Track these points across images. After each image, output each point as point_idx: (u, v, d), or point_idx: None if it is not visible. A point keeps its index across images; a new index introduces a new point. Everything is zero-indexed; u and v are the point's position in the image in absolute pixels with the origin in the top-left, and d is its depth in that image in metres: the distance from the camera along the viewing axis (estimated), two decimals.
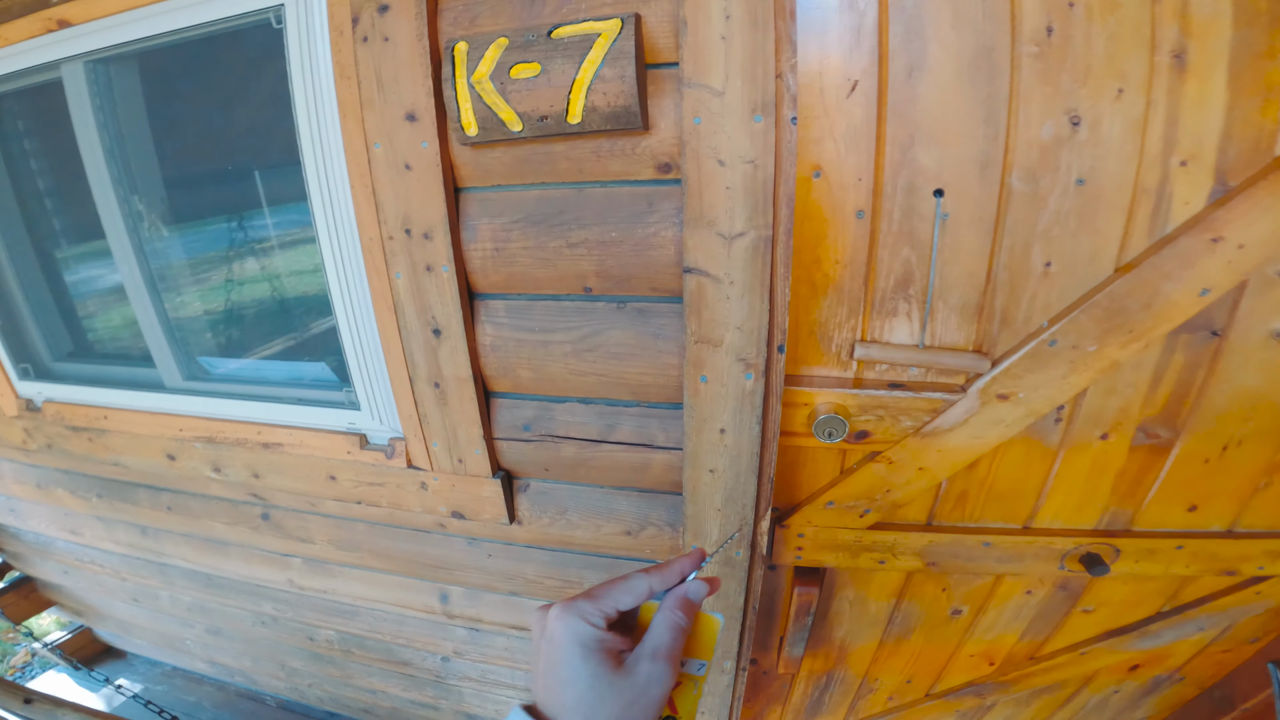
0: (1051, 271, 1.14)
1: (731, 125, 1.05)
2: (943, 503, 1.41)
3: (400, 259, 1.30)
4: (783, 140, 1.06)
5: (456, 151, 1.24)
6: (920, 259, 1.17)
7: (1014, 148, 1.06)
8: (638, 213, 1.17)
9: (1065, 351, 1.16)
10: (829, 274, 1.21)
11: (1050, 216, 1.10)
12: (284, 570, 1.95)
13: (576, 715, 0.51)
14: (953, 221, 1.13)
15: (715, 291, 1.14)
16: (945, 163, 1.09)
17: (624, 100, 1.07)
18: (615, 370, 1.29)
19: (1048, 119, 1.04)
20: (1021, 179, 1.08)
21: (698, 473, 1.30)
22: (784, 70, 1.04)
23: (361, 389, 1.50)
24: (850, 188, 1.14)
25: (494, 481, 1.46)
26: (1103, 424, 1.26)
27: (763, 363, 1.16)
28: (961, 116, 1.06)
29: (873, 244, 1.17)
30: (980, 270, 1.16)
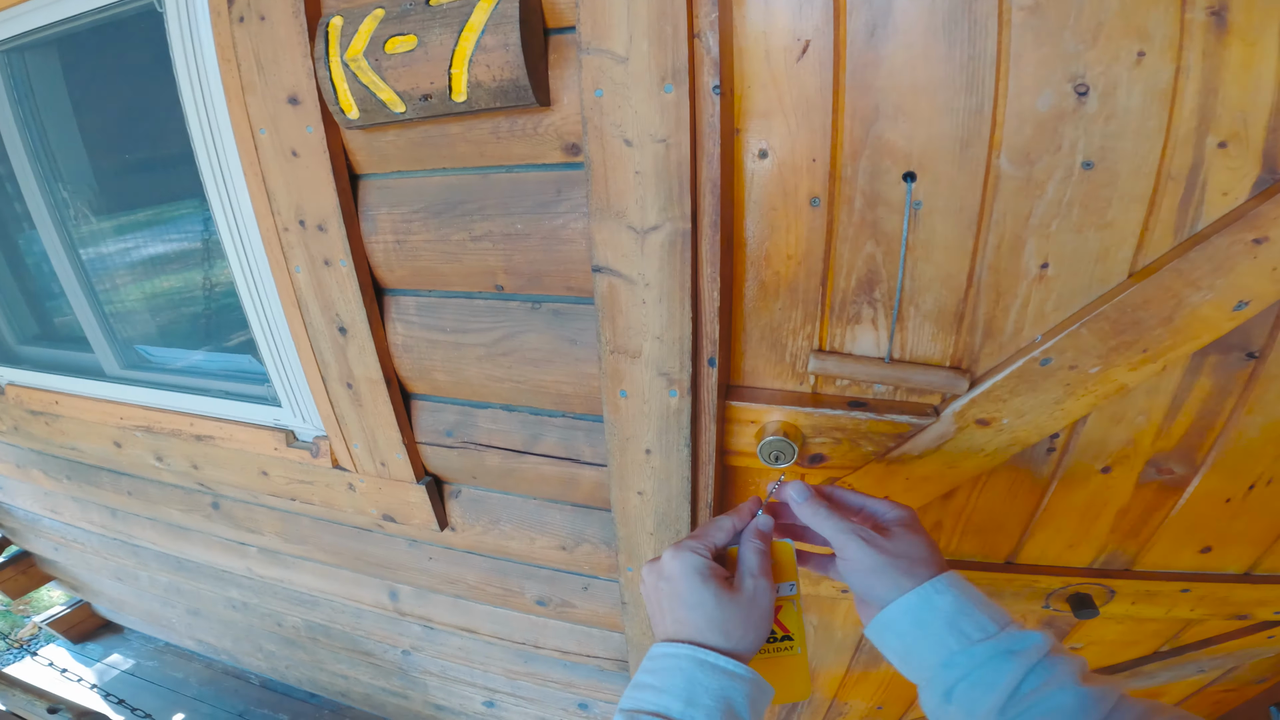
0: (1048, 275, 0.89)
1: (638, 97, 0.83)
2: None
3: (298, 252, 1.13)
4: (702, 113, 0.84)
5: (349, 136, 1.05)
6: (887, 256, 0.93)
7: (1003, 122, 0.81)
8: (545, 201, 0.97)
9: (1061, 372, 0.92)
10: (780, 272, 0.98)
11: (1048, 207, 0.84)
12: (242, 558, 1.85)
13: (712, 630, 0.57)
14: (926, 211, 0.89)
15: (629, 295, 0.93)
16: (917, 140, 0.84)
17: (510, 72, 0.86)
18: (533, 378, 1.10)
19: (1046, 87, 0.79)
20: (1012, 160, 0.83)
21: (625, 494, 1.11)
22: (701, 28, 0.81)
23: (280, 386, 1.35)
24: (803, 170, 0.91)
25: (419, 488, 1.30)
26: (1105, 456, 1.02)
27: (688, 378, 0.96)
28: (937, 84, 0.82)
29: (831, 237, 0.94)
30: (960, 271, 0.92)
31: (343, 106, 0.98)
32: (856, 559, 0.61)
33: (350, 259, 1.08)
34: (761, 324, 1.03)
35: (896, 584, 0.60)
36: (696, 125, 0.85)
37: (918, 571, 0.60)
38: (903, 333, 0.98)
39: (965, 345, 0.97)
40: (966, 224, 0.89)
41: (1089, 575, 1.17)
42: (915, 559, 0.61)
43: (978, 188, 0.86)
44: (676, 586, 0.59)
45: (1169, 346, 0.87)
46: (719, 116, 0.84)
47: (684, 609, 0.58)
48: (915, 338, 0.98)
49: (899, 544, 0.62)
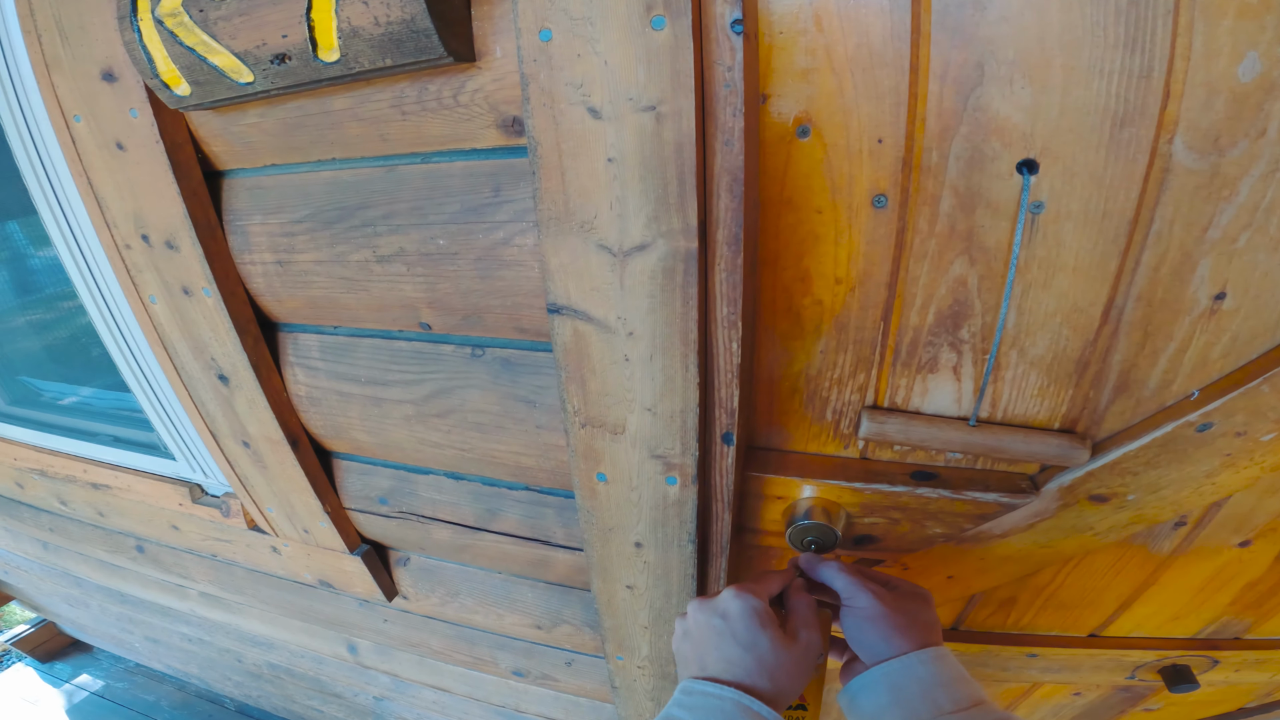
0: (1223, 309, 0.56)
1: (611, 38, 0.47)
2: (977, 609, 0.89)
3: (149, 277, 0.76)
4: (715, 64, 0.48)
5: (197, 120, 0.68)
6: (985, 280, 0.58)
7: (1181, 93, 0.49)
8: (478, 205, 0.61)
9: (1223, 440, 0.59)
10: (823, 301, 0.63)
11: (1238, 213, 0.52)
12: (183, 599, 1.52)
13: (762, 674, 0.53)
14: (1050, 217, 0.54)
15: (605, 348, 0.58)
16: (1043, 116, 0.51)
17: (403, 9, 0.50)
18: (480, 446, 0.76)
19: (1250, 48, 0.47)
20: (1193, 147, 0.50)
21: (611, 586, 0.79)
22: None
23: (168, 437, 0.99)
24: (863, 155, 0.55)
25: (354, 558, 0.97)
26: (1247, 529, 0.71)
27: (693, 462, 0.61)
28: (1079, 35, 0.48)
29: (901, 252, 0.59)
30: (1094, 302, 0.57)
31: (166, 79, 0.61)
32: (860, 609, 0.58)
33: (216, 287, 0.72)
34: (795, 371, 0.68)
35: (888, 640, 0.57)
36: (706, 84, 0.49)
37: (913, 635, 0.56)
38: (996, 384, 0.64)
39: (1086, 402, 0.63)
40: (1112, 236, 0.55)
41: (1192, 646, 0.90)
42: (914, 622, 0.57)
43: (1135, 185, 0.52)
44: (734, 625, 0.55)
45: None
46: (741, 70, 0.49)
47: (737, 649, 0.54)
48: (1014, 391, 0.64)
49: (902, 603, 0.59)
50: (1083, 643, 0.90)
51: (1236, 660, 0.89)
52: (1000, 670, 0.94)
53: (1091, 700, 1.06)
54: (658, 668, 0.89)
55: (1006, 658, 0.92)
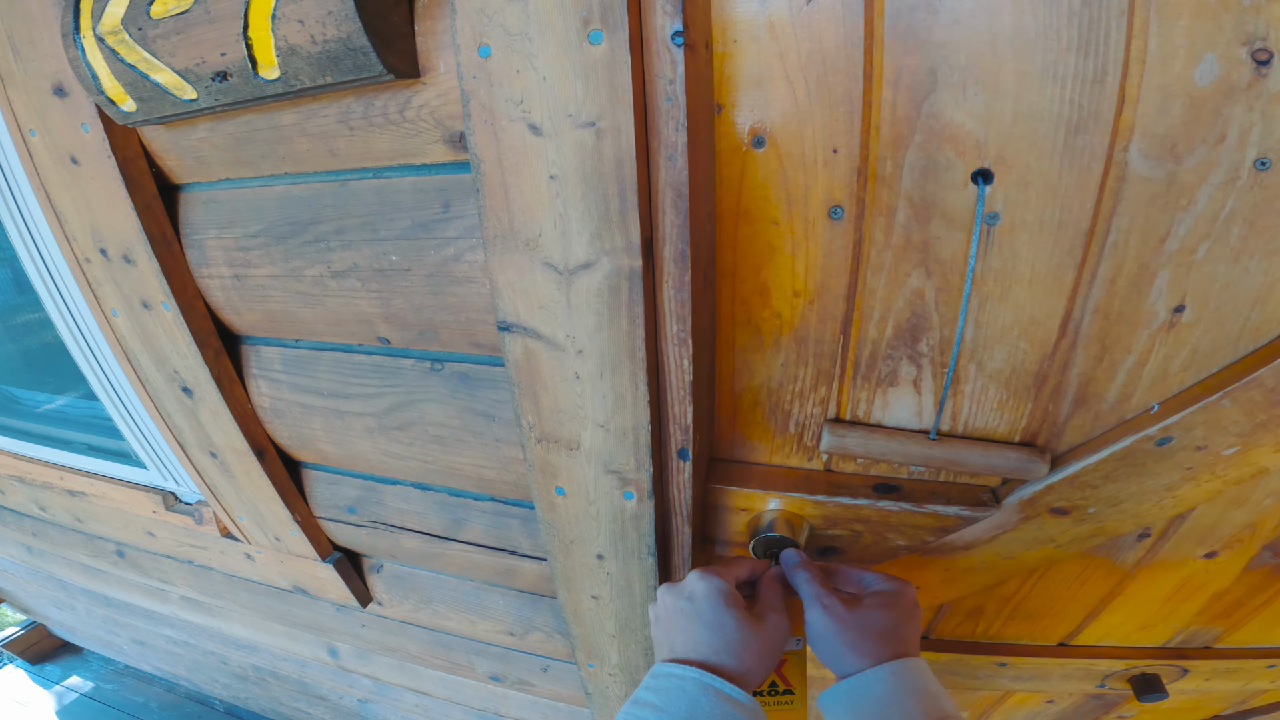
0: (1182, 321, 0.54)
1: (549, 54, 0.46)
2: (945, 618, 0.88)
3: (109, 290, 0.75)
4: (656, 77, 0.47)
5: (149, 135, 0.68)
6: (943, 292, 0.57)
7: (1137, 98, 0.47)
8: (427, 221, 0.60)
9: (1183, 454, 0.58)
10: (782, 314, 0.62)
11: (1196, 224, 0.51)
12: (165, 602, 1.52)
13: (727, 652, 0.53)
14: (1006, 228, 0.53)
15: (556, 365, 0.57)
16: (997, 122, 0.50)
17: (338, 28, 0.49)
18: (442, 458, 0.75)
19: (1207, 50, 0.45)
20: (1149, 154, 0.49)
21: (576, 596, 0.78)
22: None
23: (138, 447, 0.99)
24: (819, 166, 0.54)
25: (326, 565, 0.96)
26: (1213, 541, 0.71)
27: (648, 478, 0.61)
28: (1032, 38, 0.47)
29: (858, 264, 0.58)
30: (1051, 314, 0.56)
31: (111, 96, 0.61)
32: (813, 624, 0.58)
33: (174, 301, 0.71)
34: (756, 384, 0.67)
35: (842, 656, 0.56)
36: (648, 99, 0.48)
37: (870, 648, 0.56)
38: (956, 398, 0.63)
39: (1045, 415, 0.63)
40: (1068, 247, 0.54)
41: (1161, 655, 0.89)
42: (871, 635, 0.56)
43: (1090, 194, 0.51)
44: (699, 606, 0.55)
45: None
46: (683, 83, 0.47)
47: (702, 629, 0.54)
48: (973, 406, 0.63)
49: (861, 617, 0.57)
50: (1051, 651, 0.90)
51: (1207, 669, 0.89)
52: (971, 679, 0.94)
53: (1064, 708, 1.06)
54: (628, 675, 0.89)
55: (976, 666, 0.91)
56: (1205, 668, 0.89)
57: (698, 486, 0.66)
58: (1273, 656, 0.88)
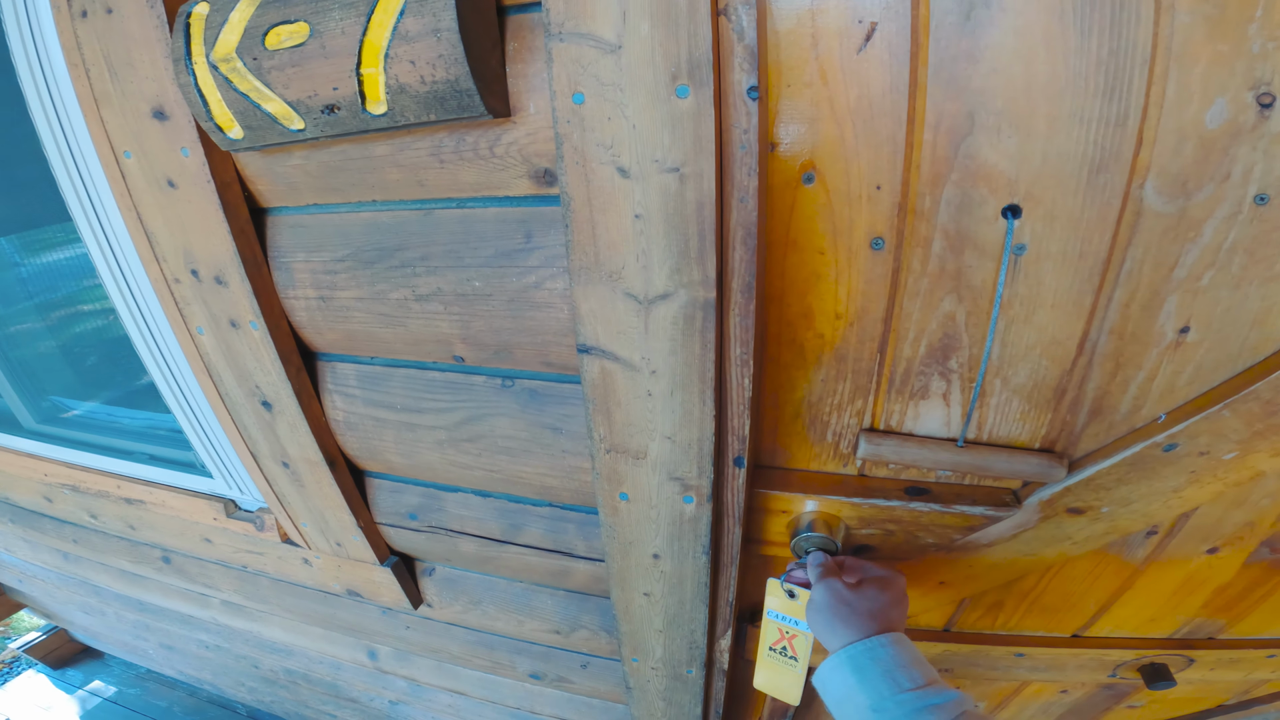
0: (1188, 341, 0.61)
1: (638, 104, 0.53)
2: (967, 611, 0.94)
3: (196, 309, 0.81)
4: (733, 128, 0.54)
5: (243, 160, 0.73)
6: (973, 316, 0.64)
7: (1154, 140, 0.54)
8: (510, 250, 0.66)
9: (1187, 459, 0.65)
10: (824, 334, 0.68)
11: (1202, 253, 0.57)
12: (205, 608, 1.56)
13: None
14: (1032, 258, 0.60)
15: (630, 384, 0.64)
16: (1027, 162, 0.56)
17: (446, 70, 0.55)
18: (508, 468, 0.81)
19: (1219, 95, 0.51)
20: (1162, 191, 0.55)
21: (629, 594, 0.84)
22: (730, 2, 0.51)
23: (207, 457, 1.04)
24: (863, 200, 0.61)
25: (384, 569, 1.02)
26: (1215, 538, 0.77)
27: (708, 484, 0.67)
28: (1061, 86, 0.53)
29: (896, 290, 0.65)
30: (1070, 335, 0.63)
31: (219, 123, 0.66)
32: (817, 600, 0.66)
33: (263, 320, 0.77)
34: (797, 397, 0.73)
35: (834, 630, 0.64)
36: (724, 146, 0.55)
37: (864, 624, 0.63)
38: (982, 409, 0.70)
39: (1063, 425, 0.69)
40: (1087, 275, 0.60)
41: (1169, 646, 0.95)
42: (862, 613, 0.64)
43: (1109, 227, 0.58)
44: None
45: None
46: (756, 132, 0.54)
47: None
48: (998, 416, 0.70)
49: (858, 596, 0.65)
50: (1066, 643, 0.96)
51: (1212, 659, 0.95)
52: (990, 669, 1.00)
53: (1078, 698, 1.12)
54: (670, 669, 0.95)
55: (996, 657, 0.97)
56: (1210, 658, 0.94)
57: (749, 491, 0.73)
58: (1273, 647, 0.93)
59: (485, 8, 0.58)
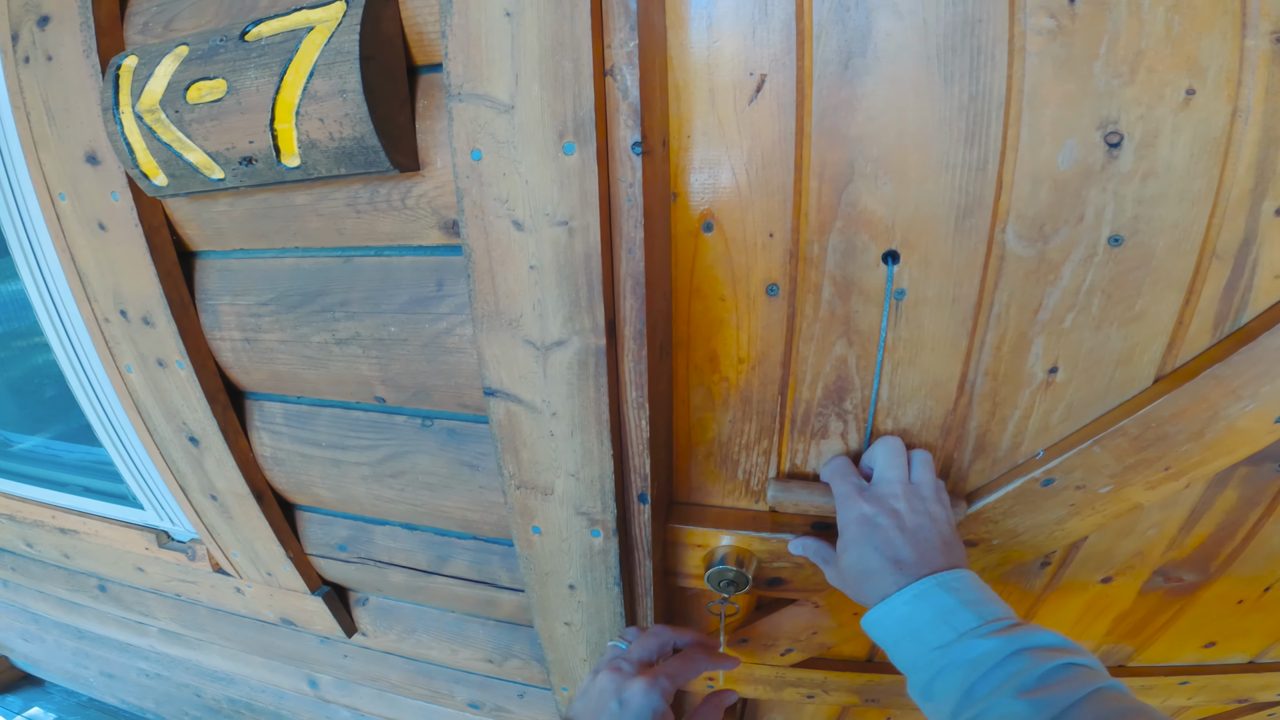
0: (1057, 381, 0.66)
1: (530, 161, 0.57)
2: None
3: (125, 348, 0.84)
4: (618, 182, 0.58)
5: (172, 205, 0.76)
6: (861, 359, 0.68)
7: (1011, 183, 0.58)
8: (424, 298, 0.70)
9: (1066, 492, 0.69)
10: (730, 378, 0.73)
11: (1063, 296, 0.62)
12: (143, 635, 1.56)
13: None
14: (912, 302, 0.64)
15: (533, 425, 0.68)
16: (903, 208, 0.61)
17: (353, 128, 0.59)
18: (431, 502, 0.84)
19: (1069, 136, 0.56)
20: (1021, 235, 0.60)
21: (551, 624, 0.87)
22: (615, 62, 0.55)
23: (138, 489, 1.06)
24: (758, 248, 0.65)
25: (316, 598, 1.04)
26: (1107, 568, 0.81)
27: (613, 519, 0.71)
28: (929, 132, 0.57)
29: (792, 335, 0.68)
30: (950, 377, 0.67)
31: (145, 170, 0.69)
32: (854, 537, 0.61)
33: (189, 360, 0.80)
34: (709, 437, 0.78)
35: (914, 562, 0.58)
36: (611, 200, 0.59)
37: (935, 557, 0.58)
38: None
39: (951, 462, 0.74)
40: (961, 319, 0.65)
41: None
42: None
43: (977, 271, 0.62)
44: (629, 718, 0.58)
45: (1197, 464, 0.65)
46: (641, 186, 0.58)
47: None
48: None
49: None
50: None
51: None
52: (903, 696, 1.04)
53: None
54: None
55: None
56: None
57: (657, 526, 0.76)
58: (1184, 674, 0.96)
59: (394, 68, 0.62)
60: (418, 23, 0.62)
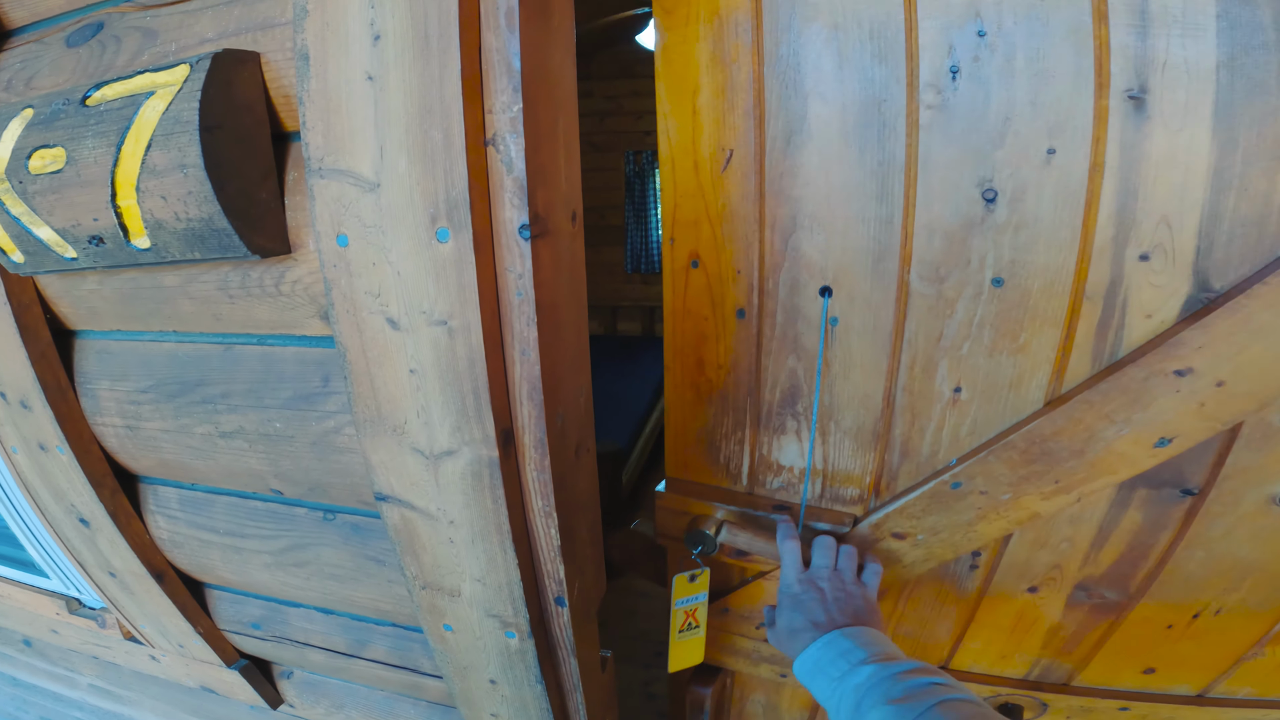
0: (961, 399, 0.74)
1: (402, 249, 0.53)
2: None
3: (9, 431, 0.79)
4: (506, 273, 0.54)
5: (44, 281, 0.71)
6: (807, 371, 0.79)
7: (913, 234, 0.68)
8: (309, 393, 0.66)
9: (972, 496, 0.76)
10: (712, 380, 0.85)
11: (959, 328, 0.71)
12: (73, 688, 1.52)
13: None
14: (843, 328, 0.75)
15: (431, 531, 0.65)
16: (832, 253, 0.72)
17: (199, 208, 0.54)
18: (340, 591, 0.81)
19: (954, 193, 0.65)
20: (923, 276, 0.69)
21: (478, 713, 0.84)
22: (497, 129, 0.51)
23: (41, 560, 1.02)
24: (729, 281, 0.77)
25: (233, 671, 1.01)
26: (1030, 577, 0.87)
27: (526, 623, 0.69)
28: (850, 192, 0.68)
29: (758, 349, 0.80)
30: (876, 391, 0.76)
31: (2, 246, 0.64)
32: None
33: (69, 446, 0.75)
34: (699, 427, 0.89)
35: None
36: (499, 293, 0.55)
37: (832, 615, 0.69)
38: (824, 447, 0.83)
39: (885, 463, 0.82)
40: (881, 344, 0.74)
41: (1022, 686, 1.02)
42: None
43: (891, 305, 0.71)
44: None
45: (1083, 479, 0.72)
46: (532, 277, 0.54)
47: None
48: (837, 452, 0.83)
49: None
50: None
51: (1064, 706, 1.00)
52: None
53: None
54: None
55: None
56: (1062, 703, 1.00)
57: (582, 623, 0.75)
58: (1124, 699, 0.98)
59: (251, 136, 0.56)
60: (284, 84, 0.57)
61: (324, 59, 0.51)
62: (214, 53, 0.54)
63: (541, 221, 0.55)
